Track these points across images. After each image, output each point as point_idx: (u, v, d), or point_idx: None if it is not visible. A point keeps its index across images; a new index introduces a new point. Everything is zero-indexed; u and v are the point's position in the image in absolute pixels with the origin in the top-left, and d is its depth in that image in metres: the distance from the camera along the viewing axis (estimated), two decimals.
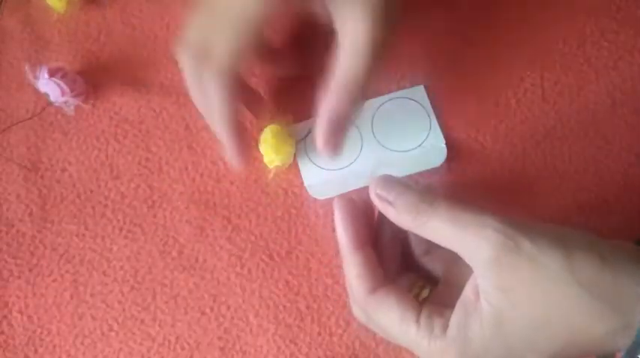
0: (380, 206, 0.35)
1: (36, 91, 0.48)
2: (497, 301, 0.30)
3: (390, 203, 0.34)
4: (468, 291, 0.32)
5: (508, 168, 0.44)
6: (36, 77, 0.46)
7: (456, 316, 0.32)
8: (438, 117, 0.46)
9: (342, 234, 0.35)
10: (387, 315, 0.34)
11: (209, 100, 0.38)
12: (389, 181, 0.35)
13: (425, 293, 0.36)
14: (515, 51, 0.47)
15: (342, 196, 0.36)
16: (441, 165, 0.44)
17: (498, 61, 0.47)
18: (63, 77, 0.46)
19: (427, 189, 0.38)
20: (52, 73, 0.46)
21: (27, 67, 0.46)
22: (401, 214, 0.33)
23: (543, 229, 0.31)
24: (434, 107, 0.46)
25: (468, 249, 0.31)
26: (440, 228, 0.32)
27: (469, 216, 0.31)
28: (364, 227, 0.36)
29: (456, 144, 0.45)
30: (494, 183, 0.44)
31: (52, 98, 0.46)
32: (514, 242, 0.30)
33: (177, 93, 0.48)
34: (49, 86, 0.46)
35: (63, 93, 0.46)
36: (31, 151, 0.48)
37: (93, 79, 0.49)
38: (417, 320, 0.33)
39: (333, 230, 0.36)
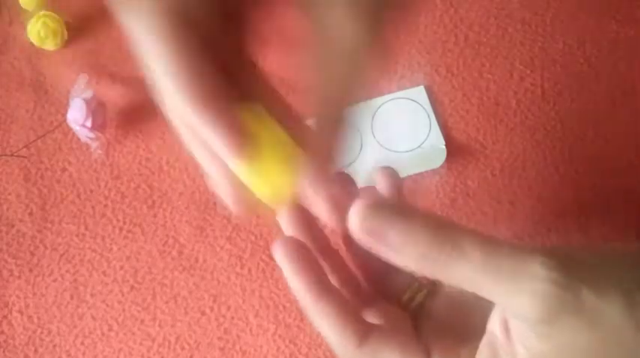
0: (370, 244, 0.26)
1: (36, 91, 0.48)
2: (542, 347, 0.25)
3: (387, 245, 0.25)
4: (493, 327, 0.27)
5: (508, 168, 0.44)
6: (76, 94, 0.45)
7: None
8: (437, 118, 0.46)
9: (296, 283, 0.28)
10: None
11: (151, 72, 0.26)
12: (381, 211, 0.26)
13: (420, 296, 0.31)
14: (516, 51, 0.47)
15: (281, 240, 0.29)
16: (441, 166, 0.44)
17: (498, 60, 0.47)
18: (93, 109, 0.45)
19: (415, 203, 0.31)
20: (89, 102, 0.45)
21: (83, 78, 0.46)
22: (408, 259, 0.25)
23: (595, 264, 0.26)
24: (434, 107, 0.46)
25: (507, 301, 0.25)
26: (469, 277, 0.25)
27: (509, 262, 0.25)
28: (317, 261, 0.28)
29: (456, 144, 0.45)
30: (495, 183, 0.44)
31: (71, 122, 0.46)
32: (572, 293, 0.24)
33: None
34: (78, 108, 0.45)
35: (84, 124, 0.45)
36: (31, 151, 0.48)
37: (93, 78, 0.49)
38: None
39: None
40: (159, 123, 0.47)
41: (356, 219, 0.25)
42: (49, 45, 0.50)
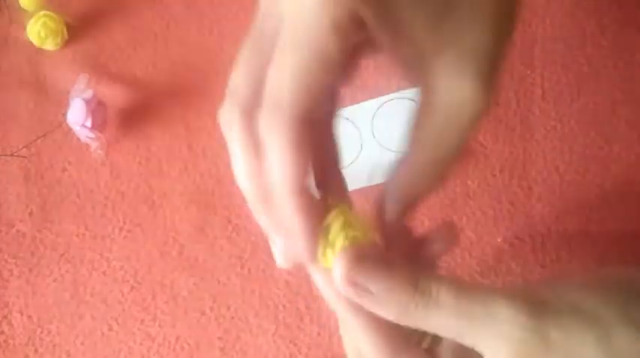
0: (354, 295, 0.26)
1: (36, 91, 0.48)
2: None
3: (370, 296, 0.26)
4: None
5: (508, 168, 0.44)
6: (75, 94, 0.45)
7: None
8: None
9: (335, 291, 0.27)
10: None
11: (270, 169, 0.26)
12: (364, 260, 0.26)
13: (425, 343, 0.30)
14: (516, 51, 0.47)
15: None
16: None
17: None
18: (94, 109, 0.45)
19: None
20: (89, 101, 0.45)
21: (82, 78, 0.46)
22: (389, 310, 0.26)
23: (570, 300, 0.26)
24: None
25: (481, 346, 0.26)
26: (444, 325, 0.26)
27: (479, 309, 0.25)
28: None
29: None
30: (495, 183, 0.44)
31: (71, 122, 0.46)
32: (538, 335, 0.25)
33: (178, 93, 0.48)
34: (77, 108, 0.45)
35: (84, 125, 0.45)
36: (31, 151, 0.48)
37: (93, 78, 0.49)
38: None
39: None
40: (159, 123, 0.47)
41: (340, 272, 0.26)
42: (49, 45, 0.50)
